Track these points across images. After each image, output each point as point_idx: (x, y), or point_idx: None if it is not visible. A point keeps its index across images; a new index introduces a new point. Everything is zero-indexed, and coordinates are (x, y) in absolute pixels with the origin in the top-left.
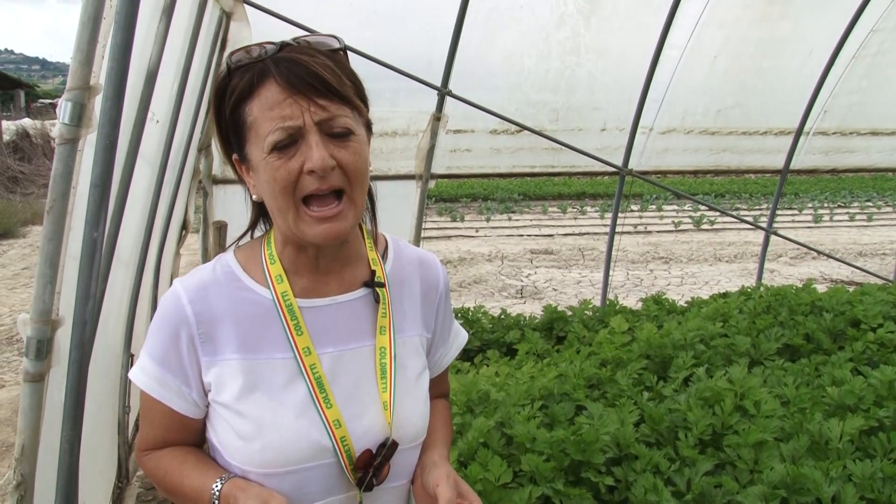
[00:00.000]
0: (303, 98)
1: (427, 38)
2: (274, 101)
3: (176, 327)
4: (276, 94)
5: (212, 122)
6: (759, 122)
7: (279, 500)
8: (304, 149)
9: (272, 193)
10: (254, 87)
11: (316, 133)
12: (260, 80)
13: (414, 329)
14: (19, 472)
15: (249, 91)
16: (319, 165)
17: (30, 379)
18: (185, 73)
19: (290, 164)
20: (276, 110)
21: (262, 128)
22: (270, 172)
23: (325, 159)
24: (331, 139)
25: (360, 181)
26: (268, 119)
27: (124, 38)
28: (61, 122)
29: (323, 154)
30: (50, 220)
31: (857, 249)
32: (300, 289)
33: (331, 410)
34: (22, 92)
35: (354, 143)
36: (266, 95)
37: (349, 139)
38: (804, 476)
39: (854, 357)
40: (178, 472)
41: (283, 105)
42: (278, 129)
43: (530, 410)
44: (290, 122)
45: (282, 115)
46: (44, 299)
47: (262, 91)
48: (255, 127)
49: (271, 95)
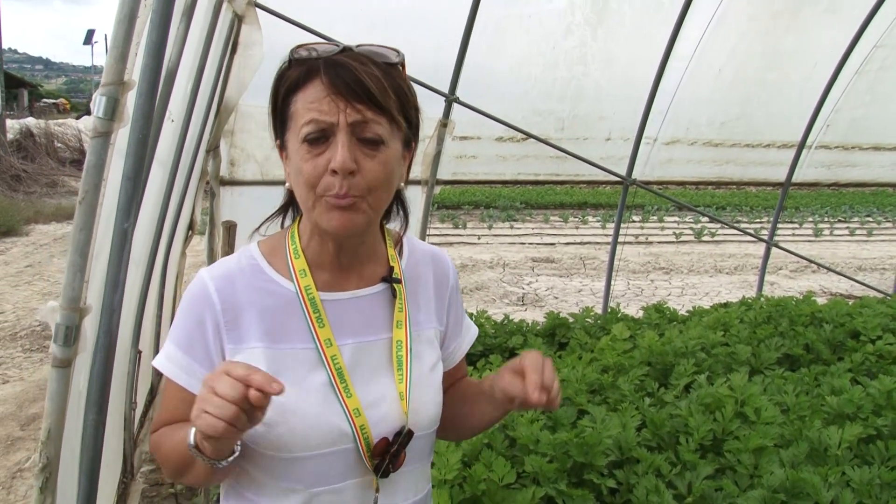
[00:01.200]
0: (341, 99)
1: (435, 44)
2: (315, 96)
3: (202, 314)
4: (319, 91)
5: (221, 125)
6: (762, 135)
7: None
8: (332, 148)
9: (298, 183)
10: (302, 82)
11: (346, 134)
12: (308, 77)
13: (428, 322)
14: (45, 456)
15: (298, 84)
16: (340, 165)
17: (57, 364)
18: (198, 74)
19: (317, 161)
20: (315, 105)
21: (300, 119)
22: (299, 164)
23: (347, 161)
24: (361, 144)
25: (381, 191)
26: (306, 111)
27: (159, 35)
28: (95, 115)
29: (346, 155)
30: (81, 211)
31: (856, 264)
32: (322, 283)
33: (351, 399)
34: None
35: (383, 152)
36: (310, 91)
37: (379, 148)
38: (804, 481)
39: (853, 368)
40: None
41: (322, 102)
42: (312, 122)
43: (533, 413)
44: (324, 118)
45: (319, 109)
46: (73, 286)
47: (308, 87)
48: (296, 117)
49: (314, 92)
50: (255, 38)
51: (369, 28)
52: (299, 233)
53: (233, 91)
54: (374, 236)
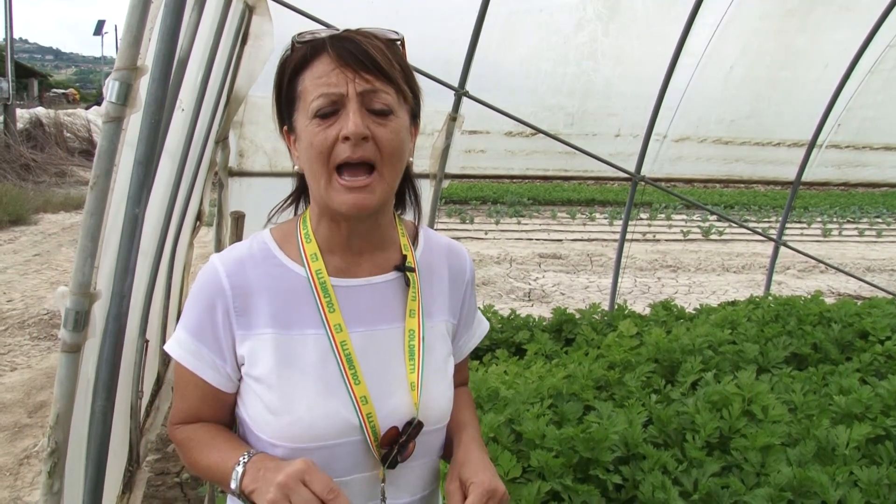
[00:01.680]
0: (349, 70)
1: (446, 38)
2: (323, 71)
3: (212, 299)
4: (326, 66)
5: (230, 116)
6: (772, 133)
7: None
8: (343, 118)
9: (309, 159)
10: (308, 60)
11: (356, 103)
12: (314, 54)
13: (441, 314)
14: (53, 440)
15: (304, 63)
16: (353, 131)
17: (67, 349)
18: (209, 64)
19: (328, 132)
20: (324, 79)
21: (308, 95)
22: (309, 138)
23: (359, 126)
24: (371, 114)
25: (393, 159)
26: (315, 87)
27: (173, 21)
28: (108, 100)
29: (358, 121)
30: (93, 196)
31: (865, 265)
32: (333, 268)
33: (359, 387)
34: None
35: (393, 122)
36: (317, 67)
37: (388, 117)
38: (811, 479)
39: (861, 368)
40: (210, 443)
41: (331, 75)
42: (322, 96)
43: (540, 408)
44: (333, 90)
45: (328, 82)
46: (84, 272)
47: (315, 63)
48: (304, 95)
49: (322, 66)
50: (266, 30)
51: (380, 22)
52: (310, 217)
53: (242, 82)
54: (387, 220)
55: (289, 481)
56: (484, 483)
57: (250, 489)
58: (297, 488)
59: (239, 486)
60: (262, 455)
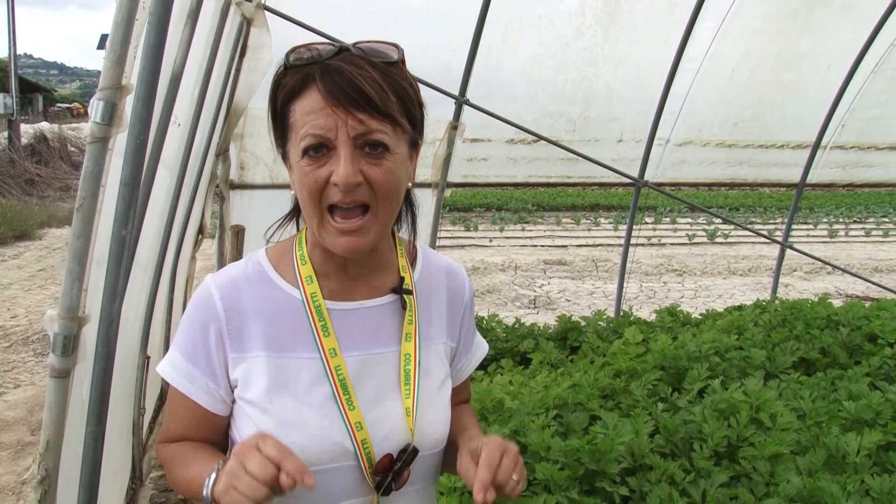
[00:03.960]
0: (341, 110)
1: (446, 47)
2: (312, 107)
3: (206, 322)
4: (316, 102)
5: (230, 129)
6: (776, 136)
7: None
8: (334, 160)
9: (302, 197)
10: (299, 90)
11: (348, 147)
12: (304, 84)
13: (439, 337)
14: (43, 467)
15: (294, 93)
16: (343, 181)
17: (56, 375)
18: (206, 78)
19: (319, 172)
20: (313, 117)
21: (299, 131)
22: (300, 176)
23: (349, 176)
24: (364, 154)
25: (388, 199)
26: (305, 124)
27: (157, 39)
28: (93, 120)
29: (349, 171)
30: (79, 218)
31: (872, 265)
32: (329, 291)
33: (353, 412)
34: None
35: (388, 160)
36: (307, 101)
37: (383, 156)
38: (821, 489)
39: (871, 372)
40: (192, 456)
41: (320, 114)
42: (310, 136)
43: (545, 419)
44: (322, 132)
45: (316, 123)
46: (71, 296)
47: (305, 96)
48: (295, 128)
49: (312, 102)
50: (265, 42)
51: (380, 31)
52: (306, 239)
53: (242, 95)
54: (385, 245)
55: (243, 449)
56: (495, 439)
57: (219, 492)
58: (250, 454)
59: (210, 493)
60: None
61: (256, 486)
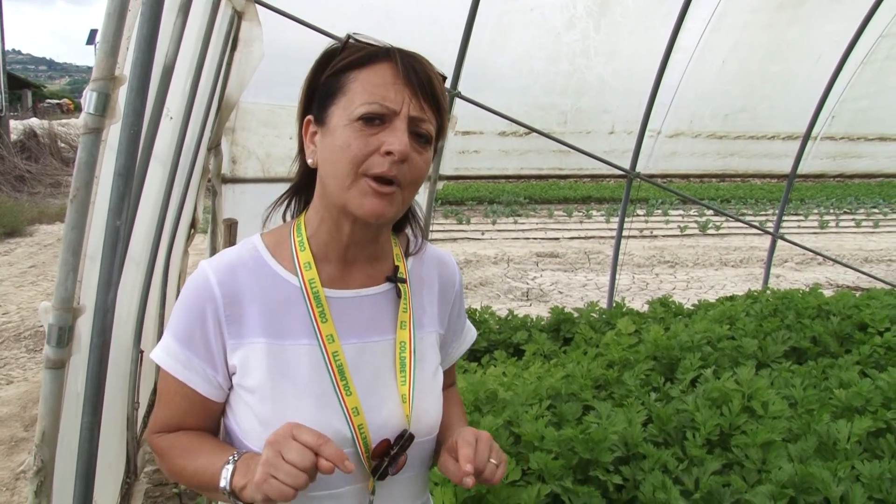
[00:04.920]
0: (410, 90)
1: (438, 40)
2: (383, 78)
3: (202, 307)
4: (389, 75)
5: (222, 122)
6: (766, 127)
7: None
8: (387, 132)
9: (339, 159)
10: (370, 60)
11: (405, 124)
12: (379, 58)
13: (432, 325)
14: (39, 458)
15: (365, 62)
16: (400, 149)
17: (51, 366)
18: (197, 71)
19: (370, 140)
20: (382, 87)
21: (358, 96)
22: (347, 139)
23: (406, 146)
24: (412, 138)
25: (416, 185)
26: (369, 91)
27: (150, 29)
28: (86, 111)
29: (406, 142)
30: (73, 209)
31: (862, 255)
32: (327, 277)
33: (350, 398)
34: (29, 92)
35: (427, 152)
36: (379, 71)
37: (425, 148)
38: (813, 476)
39: (861, 360)
40: (196, 447)
41: (390, 87)
42: (375, 104)
43: (538, 409)
44: (388, 103)
45: (385, 93)
46: (66, 286)
47: (377, 67)
48: (351, 93)
49: (384, 73)
50: (256, 35)
51: (372, 25)
52: (306, 222)
53: (233, 88)
54: (385, 235)
55: (278, 439)
56: (468, 430)
57: (241, 485)
58: (286, 443)
59: (230, 484)
60: (251, 453)
61: (297, 474)
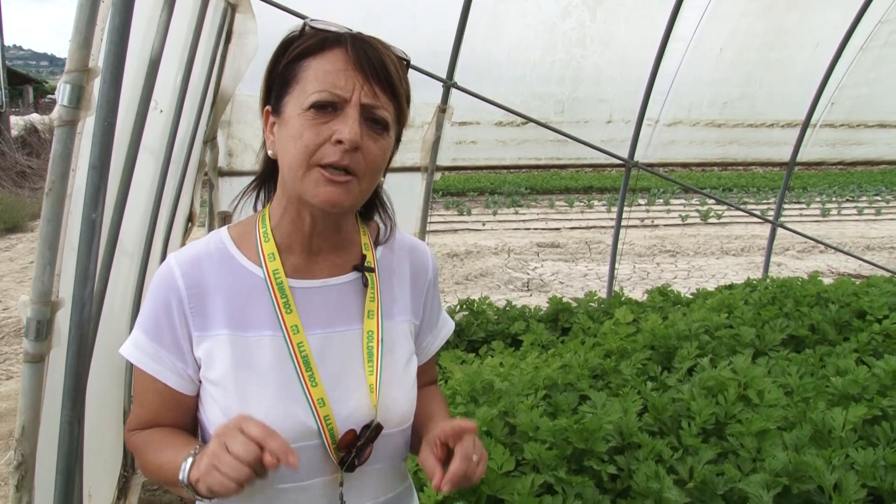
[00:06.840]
0: (361, 76)
1: (433, 30)
2: (334, 66)
3: (167, 299)
4: (340, 62)
5: (217, 115)
6: (765, 114)
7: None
8: (339, 121)
9: (293, 149)
10: (322, 48)
11: (357, 111)
12: (331, 44)
13: (403, 315)
14: (20, 453)
15: (316, 49)
16: (349, 138)
17: (30, 360)
18: (189, 65)
19: (321, 129)
20: (332, 75)
21: (310, 85)
22: (299, 129)
23: (356, 135)
24: (367, 126)
25: (374, 174)
26: (320, 79)
27: (122, 20)
28: (60, 104)
29: (357, 130)
30: (49, 202)
31: (864, 243)
32: (291, 267)
33: (315, 389)
34: (30, 88)
35: (384, 140)
36: (330, 58)
37: (381, 134)
38: (806, 464)
39: (859, 348)
40: (165, 441)
41: (341, 74)
42: (325, 91)
43: (534, 400)
44: (338, 91)
45: (335, 81)
46: (43, 280)
47: (329, 54)
48: (304, 82)
49: (335, 60)
50: (250, 27)
51: (367, 16)
52: (270, 214)
53: (228, 81)
54: (349, 224)
55: (225, 431)
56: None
57: (196, 478)
58: (233, 435)
59: (187, 477)
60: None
61: (239, 467)
